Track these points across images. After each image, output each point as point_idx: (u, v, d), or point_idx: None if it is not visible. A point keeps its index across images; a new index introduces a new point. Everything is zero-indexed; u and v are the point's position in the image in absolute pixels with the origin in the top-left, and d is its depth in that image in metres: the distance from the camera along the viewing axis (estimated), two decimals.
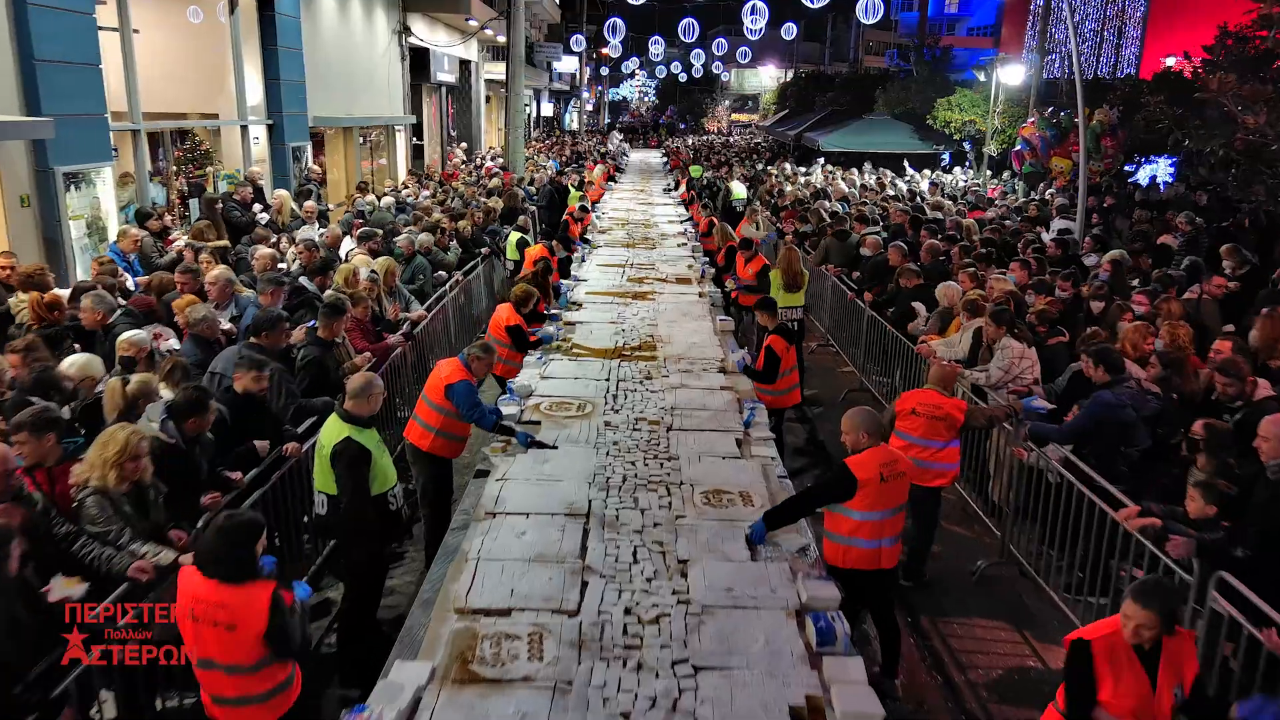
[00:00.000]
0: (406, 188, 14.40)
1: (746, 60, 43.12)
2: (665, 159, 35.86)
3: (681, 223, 17.33)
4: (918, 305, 8.72)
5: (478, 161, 22.37)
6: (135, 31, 10.35)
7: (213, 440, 4.83)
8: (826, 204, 13.71)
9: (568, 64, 42.39)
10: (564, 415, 6.52)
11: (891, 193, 15.79)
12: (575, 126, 53.47)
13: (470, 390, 5.82)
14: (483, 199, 15.15)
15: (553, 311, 9.39)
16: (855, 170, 20.71)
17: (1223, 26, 16.16)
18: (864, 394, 9.85)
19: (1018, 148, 17.22)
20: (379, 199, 13.02)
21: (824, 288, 11.57)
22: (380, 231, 9.42)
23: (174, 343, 6.14)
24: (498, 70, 30.74)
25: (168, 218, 9.75)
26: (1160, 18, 37.42)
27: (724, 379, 7.43)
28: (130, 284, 7.75)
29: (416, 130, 23.32)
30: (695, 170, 25.17)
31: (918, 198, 15.13)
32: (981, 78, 20.55)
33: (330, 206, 12.76)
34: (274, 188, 12.91)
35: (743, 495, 5.24)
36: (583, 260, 13.04)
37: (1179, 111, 12.23)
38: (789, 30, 38.02)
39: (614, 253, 13.67)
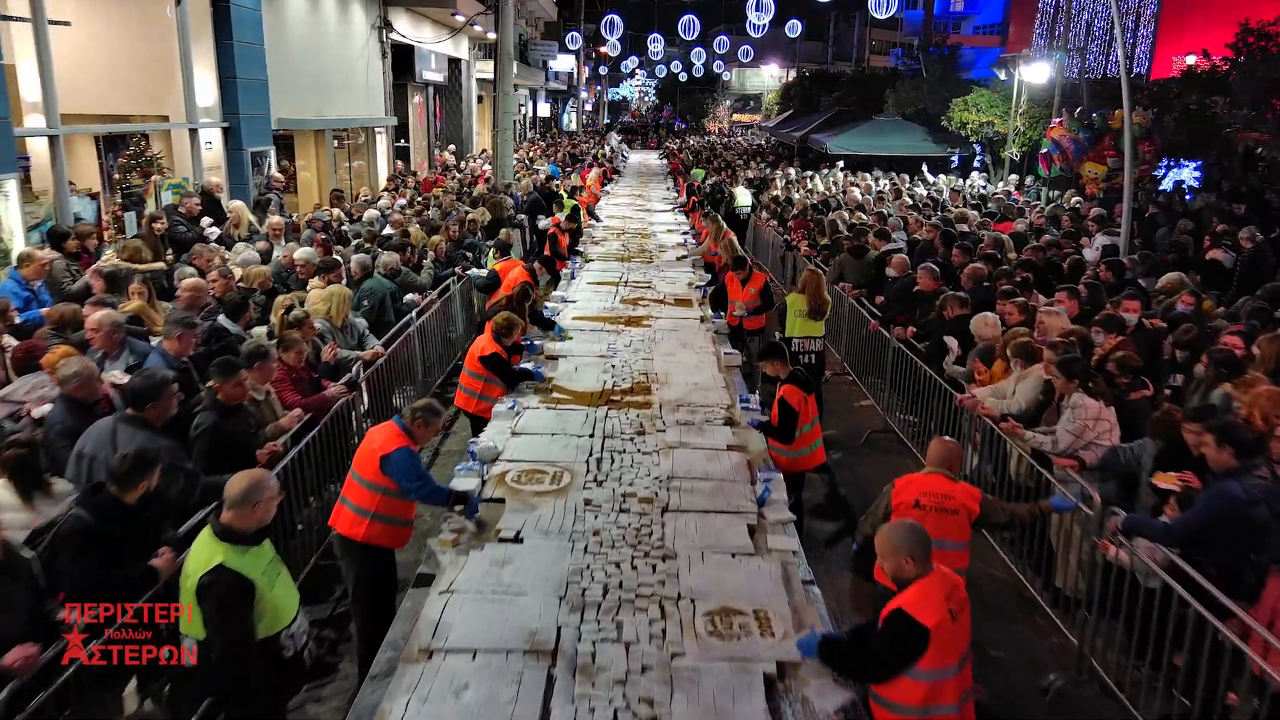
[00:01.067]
0: (381, 198, 13.17)
1: (749, 59, 41.85)
2: (665, 160, 34.68)
3: (682, 233, 16.12)
4: (950, 340, 7.49)
5: (467, 165, 21.13)
6: (63, 23, 9.13)
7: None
8: (845, 215, 12.46)
9: (564, 63, 41.15)
10: (534, 490, 5.29)
11: (908, 200, 14.55)
12: (573, 127, 52.24)
13: (411, 460, 4.62)
14: (464, 208, 13.91)
15: (533, 341, 8.16)
16: (867, 175, 19.47)
17: (1244, 24, 14.98)
18: (887, 435, 8.63)
19: (1045, 150, 15.99)
20: (350, 213, 11.80)
21: (840, 310, 10.34)
22: (342, 261, 8.17)
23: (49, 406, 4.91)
24: (491, 69, 29.54)
25: (93, 238, 8.50)
26: (1171, 16, 36.56)
27: (731, 434, 6.21)
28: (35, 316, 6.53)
29: (402, 132, 22.11)
30: (698, 173, 23.98)
31: (941, 207, 13.88)
32: (1002, 76, 19.31)
33: (293, 217, 11.54)
34: (229, 197, 11.69)
35: (759, 617, 4.01)
36: (573, 277, 11.83)
37: (1248, 113, 11.01)
38: (793, 27, 36.78)
39: (607, 268, 12.44)
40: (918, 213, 13.44)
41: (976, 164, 22.72)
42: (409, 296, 8.89)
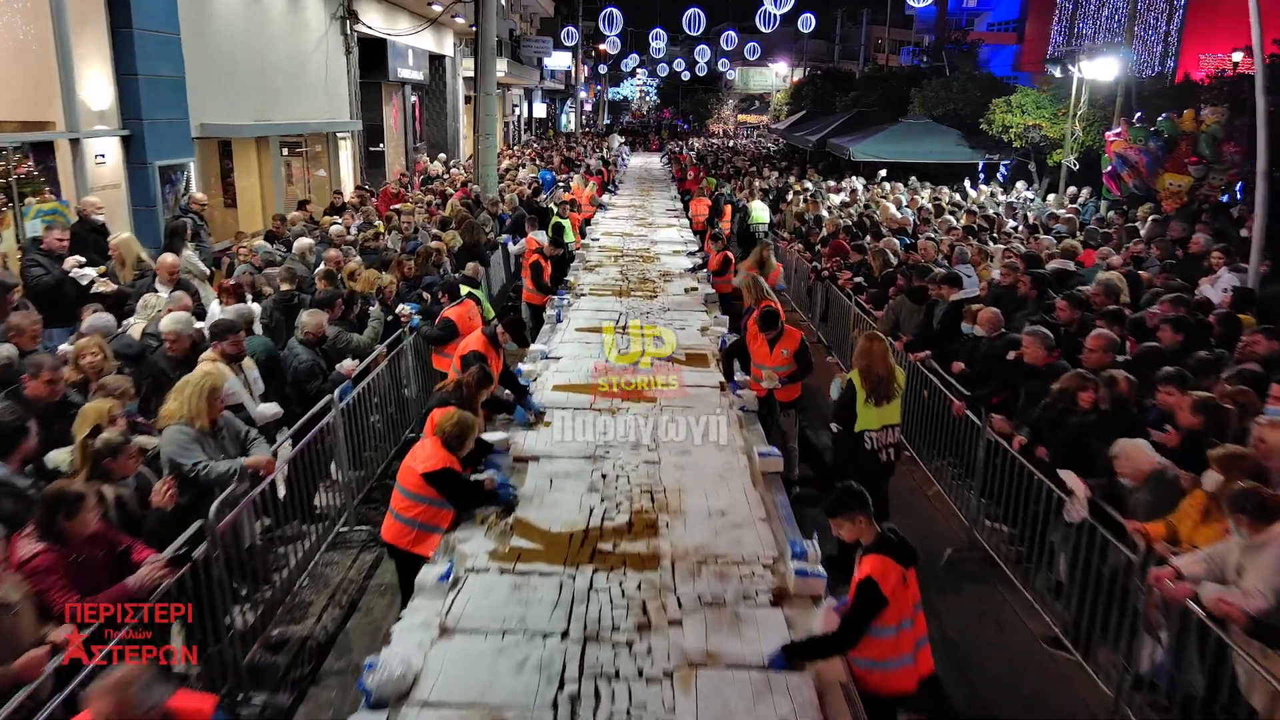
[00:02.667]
0: (334, 222, 10.85)
1: (755, 57, 39.41)
2: (667, 164, 32.42)
3: (689, 252, 13.86)
4: (1072, 480, 4.99)
5: (444, 174, 18.83)
6: None
7: None
8: (895, 244, 10.16)
9: (560, 60, 38.79)
10: None
11: (951, 220, 12.25)
12: (572, 128, 49.86)
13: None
14: (432, 230, 11.63)
15: (494, 439, 5.89)
16: (899, 186, 17.15)
17: None
18: (975, 556, 6.35)
19: (1108, 169, 13.68)
20: (273, 238, 9.55)
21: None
22: (243, 327, 5.88)
23: None
24: None
25: None
26: (1198, 13, 34.96)
27: (786, 625, 3.97)
28: None
29: (376, 136, 19.85)
30: (712, 183, 21.76)
31: (993, 227, 11.53)
32: (1056, 73, 17.02)
33: (229, 246, 9.28)
34: (133, 224, 9.44)
35: None
36: (558, 320, 9.57)
37: None
38: (806, 21, 34.43)
39: (601, 307, 10.17)
40: (974, 239, 11.13)
41: (1002, 172, 20.44)
42: (343, 364, 6.63)
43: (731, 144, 39.98)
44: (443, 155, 22.56)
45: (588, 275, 12.15)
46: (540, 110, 44.78)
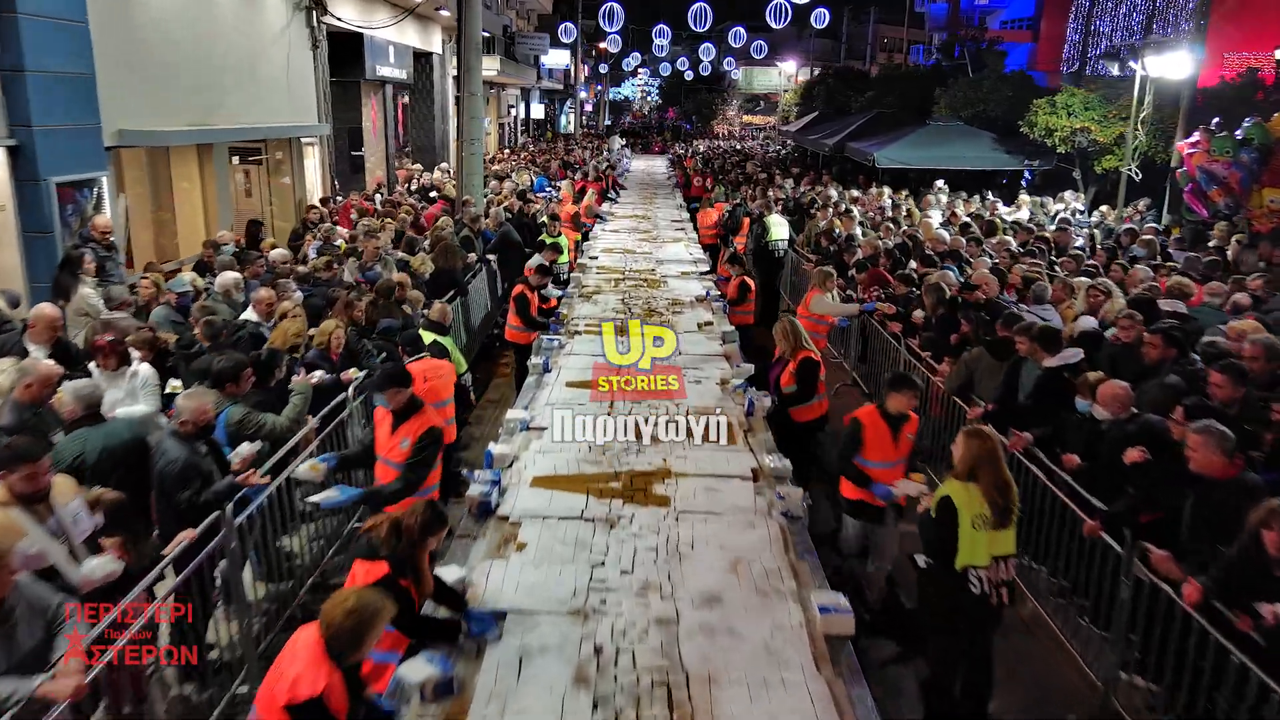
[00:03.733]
0: (260, 247, 9.02)
1: (762, 55, 37.42)
2: (671, 168, 30.67)
3: (701, 274, 12.09)
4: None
5: (416, 184, 17.02)
6: None
7: None
8: (950, 276, 8.34)
9: (557, 58, 36.83)
10: None
11: (1011, 243, 10.41)
12: (572, 129, 47.98)
13: None
14: (399, 256, 9.88)
15: (451, 577, 4.14)
16: (936, 197, 15.34)
17: None
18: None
19: (1187, 186, 11.90)
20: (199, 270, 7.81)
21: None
22: (45, 450, 3.99)
23: None
24: (484, 65, 25.58)
25: None
26: (1221, 12, 33.69)
27: None
28: None
29: (358, 140, 18.09)
30: (722, 190, 20.05)
31: (1081, 257, 9.61)
32: (1115, 70, 15.26)
33: (141, 280, 7.52)
34: (23, 256, 7.70)
35: None
36: (545, 369, 7.83)
37: None
38: (820, 17, 32.61)
39: (596, 349, 8.38)
40: (1059, 269, 9.34)
41: (1026, 178, 18.67)
42: (239, 450, 4.86)
43: (739, 146, 38.06)
44: (444, 164, 20.75)
45: (584, 305, 10.41)
46: (538, 111, 42.93)
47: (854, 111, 26.52)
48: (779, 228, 13.35)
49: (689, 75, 54.11)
